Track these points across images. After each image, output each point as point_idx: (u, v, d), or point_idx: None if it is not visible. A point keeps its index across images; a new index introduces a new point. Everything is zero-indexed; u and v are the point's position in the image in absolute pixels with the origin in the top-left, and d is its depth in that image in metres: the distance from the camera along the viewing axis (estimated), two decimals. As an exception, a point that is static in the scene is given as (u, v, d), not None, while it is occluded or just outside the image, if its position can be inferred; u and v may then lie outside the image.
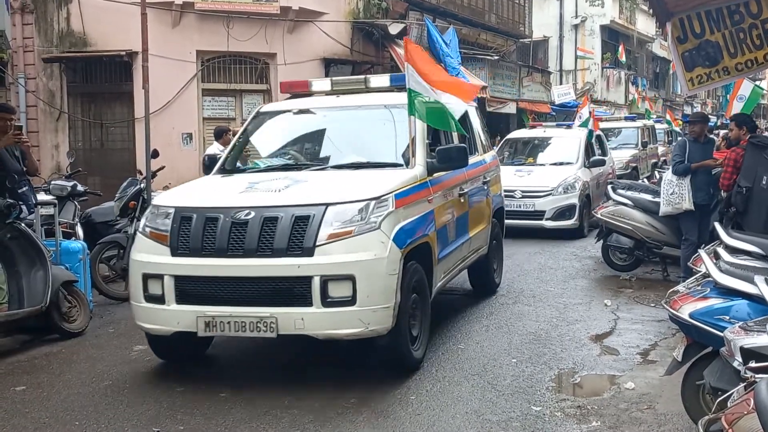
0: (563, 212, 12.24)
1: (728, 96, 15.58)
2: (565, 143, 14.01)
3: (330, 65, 15.80)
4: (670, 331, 6.46)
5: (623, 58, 33.22)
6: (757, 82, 15.97)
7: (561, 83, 30.04)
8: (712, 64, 7.60)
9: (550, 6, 32.15)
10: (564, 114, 24.73)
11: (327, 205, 4.98)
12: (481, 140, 8.09)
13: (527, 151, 14.48)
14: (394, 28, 16.29)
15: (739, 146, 7.69)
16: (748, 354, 3.43)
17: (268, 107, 7.24)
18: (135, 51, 12.75)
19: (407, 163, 5.91)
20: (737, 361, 3.49)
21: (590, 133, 14.25)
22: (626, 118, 22.33)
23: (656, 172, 13.96)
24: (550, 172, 12.88)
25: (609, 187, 9.74)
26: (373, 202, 5.05)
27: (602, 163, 13.98)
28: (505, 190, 11.42)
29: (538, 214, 12.30)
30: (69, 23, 14.22)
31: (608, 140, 17.94)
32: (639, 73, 38.17)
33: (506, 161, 13.42)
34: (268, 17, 14.54)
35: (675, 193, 8.07)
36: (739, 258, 4.73)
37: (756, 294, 4.12)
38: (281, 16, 14.66)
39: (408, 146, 6.00)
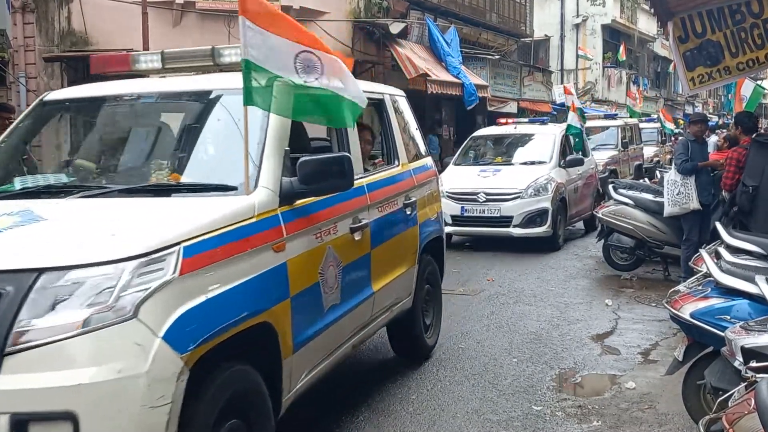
0: (533, 218, 10.70)
1: (730, 96, 15.59)
2: (538, 141, 12.53)
3: (331, 64, 15.77)
4: (671, 330, 6.46)
5: (624, 57, 33.20)
6: (759, 82, 15.96)
7: (562, 83, 30.02)
8: (713, 63, 7.60)
9: (551, 5, 32.14)
10: (564, 114, 24.69)
11: (39, 271, 2.71)
12: (405, 144, 5.68)
13: (495, 150, 12.97)
14: (395, 28, 16.28)
15: (740, 146, 7.69)
16: (749, 354, 3.42)
17: (55, 95, 4.64)
18: (136, 50, 12.74)
19: (255, 186, 3.54)
20: (738, 361, 3.49)
21: (569, 127, 12.77)
22: (606, 116, 20.19)
23: (657, 172, 13.95)
24: (520, 173, 11.34)
25: (610, 186, 9.73)
26: (129, 267, 2.76)
27: (579, 162, 12.25)
28: (467, 194, 10.93)
29: (505, 221, 10.77)
30: (70, 22, 14.22)
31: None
32: (640, 73, 38.17)
33: (470, 161, 12.37)
34: (269, 16, 14.51)
35: (681, 193, 8.05)
36: (740, 258, 4.72)
37: (757, 294, 4.12)
38: (282, 15, 14.64)
39: (256, 157, 3.65)
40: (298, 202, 3.74)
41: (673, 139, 25.08)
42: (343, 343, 4.33)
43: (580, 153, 12.87)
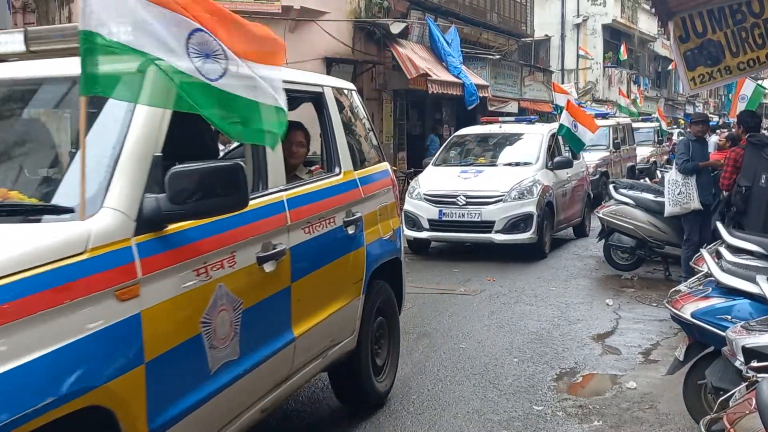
0: (517, 223, 9.88)
1: (730, 95, 15.55)
2: (525, 141, 11.71)
3: (332, 64, 15.80)
4: (671, 330, 6.46)
5: (625, 57, 33.17)
6: (760, 82, 15.93)
7: (563, 83, 30.02)
8: (713, 63, 7.60)
9: (552, 5, 32.14)
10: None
11: None
12: (350, 147, 4.69)
13: (478, 151, 12.15)
14: (396, 28, 16.28)
15: (739, 146, 7.71)
16: (750, 353, 3.42)
17: None
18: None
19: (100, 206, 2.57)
20: (739, 361, 3.49)
21: (561, 127, 11.66)
22: (597, 115, 18.48)
23: (658, 172, 13.94)
24: (503, 174, 10.55)
25: (611, 186, 9.74)
26: None
27: (568, 164, 11.45)
28: (446, 196, 10.17)
29: (486, 226, 9.95)
30: (70, 23, 14.22)
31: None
32: (641, 73, 38.17)
33: (451, 162, 11.60)
34: (269, 16, 14.53)
35: (682, 193, 8.05)
36: (741, 257, 4.73)
37: (758, 293, 4.12)
38: (283, 15, 14.65)
39: (106, 166, 2.67)
40: (170, 227, 2.76)
41: (668, 140, 24.73)
42: (244, 411, 3.24)
43: (569, 154, 12.22)
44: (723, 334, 3.82)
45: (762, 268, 4.44)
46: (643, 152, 20.46)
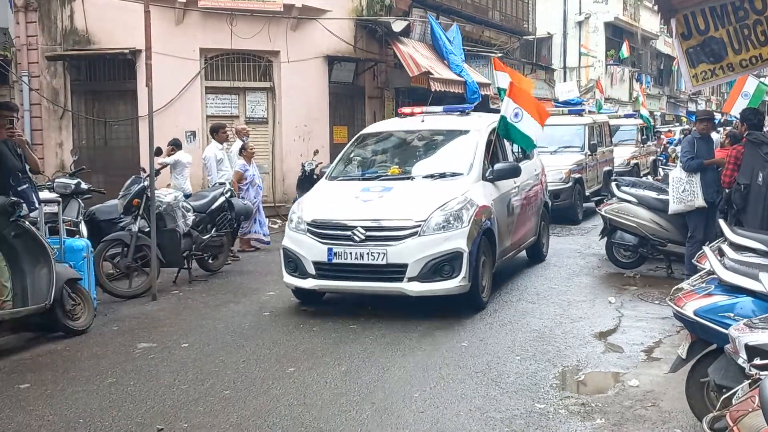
0: (440, 266, 6.90)
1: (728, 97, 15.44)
2: (454, 142, 8.47)
3: (333, 63, 15.80)
4: (674, 328, 6.45)
5: (627, 54, 33.10)
6: (762, 79, 15.84)
7: (565, 80, 30.00)
8: (716, 60, 7.58)
9: (554, 3, 32.11)
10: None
11: None
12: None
13: (388, 157, 8.78)
14: (398, 26, 16.28)
15: (740, 143, 7.71)
16: (753, 351, 3.42)
17: None
18: (138, 49, 12.76)
19: None
20: (742, 359, 3.48)
21: (502, 120, 8.43)
22: (570, 112, 16.03)
23: (660, 170, 13.90)
24: (421, 192, 7.46)
25: (613, 184, 9.70)
26: None
27: (514, 172, 8.24)
28: (338, 227, 7.09)
29: (394, 271, 6.91)
30: (72, 21, 14.23)
31: (542, 145, 12.75)
32: (643, 70, 38.12)
33: (351, 175, 8.36)
34: (271, 15, 14.54)
35: (687, 191, 8.04)
36: (743, 255, 4.72)
37: (761, 291, 4.11)
38: (284, 13, 14.66)
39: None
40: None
41: (656, 138, 23.60)
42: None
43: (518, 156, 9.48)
44: (726, 331, 3.81)
45: (765, 266, 4.43)
46: (622, 153, 18.57)
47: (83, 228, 8.59)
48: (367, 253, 6.86)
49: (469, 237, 6.97)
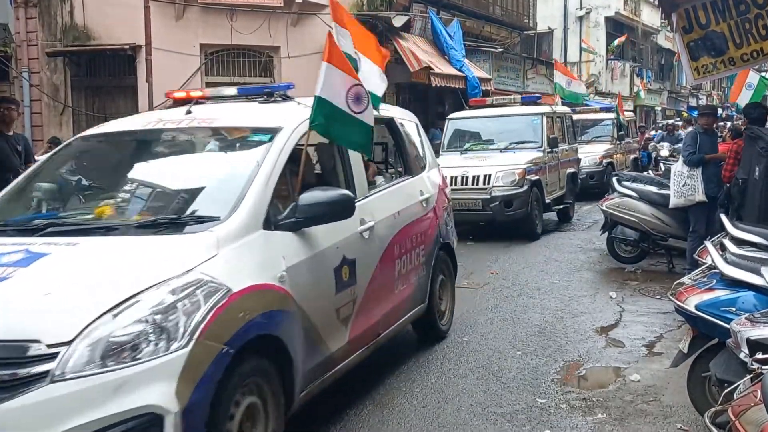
0: None
1: (733, 87, 15.37)
2: (229, 156, 4.68)
3: (334, 58, 15.75)
4: (675, 323, 6.45)
5: (619, 43, 32.82)
6: (764, 74, 15.81)
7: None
8: (717, 54, 7.57)
9: (555, -2, 32.05)
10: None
11: None
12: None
13: (105, 183, 4.63)
14: (398, 21, 16.24)
15: (741, 138, 7.72)
16: (755, 346, 3.41)
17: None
18: (138, 45, 12.76)
19: None
20: (743, 353, 3.47)
21: (317, 104, 4.39)
22: (523, 100, 13.24)
23: (662, 164, 13.85)
24: (95, 267, 3.36)
25: (614, 178, 9.68)
26: None
27: (337, 210, 4.17)
28: None
29: None
30: (72, 17, 14.21)
31: (487, 139, 12.37)
32: (644, 65, 38.05)
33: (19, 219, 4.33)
34: (271, 10, 14.51)
35: (687, 185, 8.03)
36: (745, 249, 4.71)
37: (762, 285, 4.10)
38: (285, 8, 14.63)
39: None
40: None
41: (639, 134, 21.91)
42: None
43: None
44: (727, 326, 3.81)
45: (766, 260, 4.42)
46: (594, 150, 16.81)
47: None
48: None
49: (187, 373, 3.04)
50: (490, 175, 11.05)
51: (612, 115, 18.67)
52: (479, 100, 14.02)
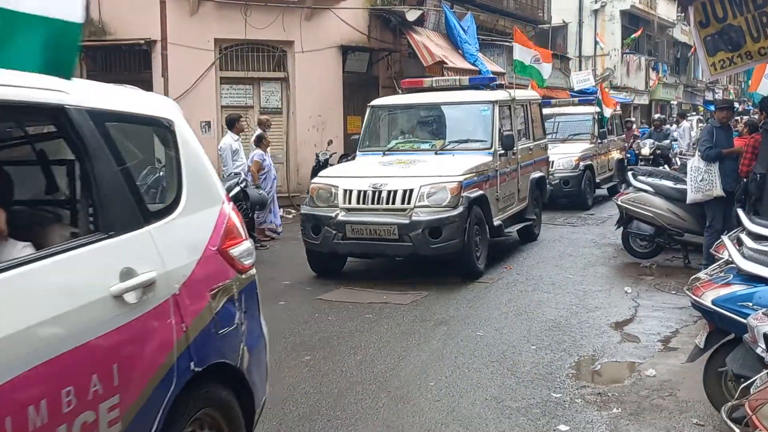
0: None
1: (750, 81, 15.17)
2: None
3: (347, 52, 15.78)
4: (691, 318, 6.42)
5: (635, 36, 32.53)
6: (781, 67, 15.56)
7: (580, 69, 29.79)
8: (734, 48, 7.50)
9: (570, -9, 31.87)
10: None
11: None
12: None
13: None
14: (412, 15, 16.22)
15: (758, 132, 7.66)
16: (772, 340, 3.39)
17: None
18: (154, 39, 12.81)
19: None
20: (760, 348, 3.46)
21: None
22: (471, 82, 10.33)
23: (677, 159, 13.74)
24: None
25: (630, 173, 9.62)
26: None
27: None
28: None
29: None
30: (88, 12, 14.27)
31: (420, 135, 9.61)
32: (659, 59, 37.78)
33: None
34: (285, 5, 14.52)
35: (705, 180, 7.97)
36: (762, 244, 4.67)
37: (780, 280, 4.08)
38: (298, 3, 14.64)
39: None
40: None
41: (627, 129, 19.54)
42: None
43: None
44: (744, 321, 3.79)
45: (784, 255, 4.40)
46: (570, 150, 14.29)
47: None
48: None
49: None
50: (411, 191, 7.80)
51: (592, 109, 15.68)
52: (414, 81, 10.77)
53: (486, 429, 4.32)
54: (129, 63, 14.49)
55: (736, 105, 30.08)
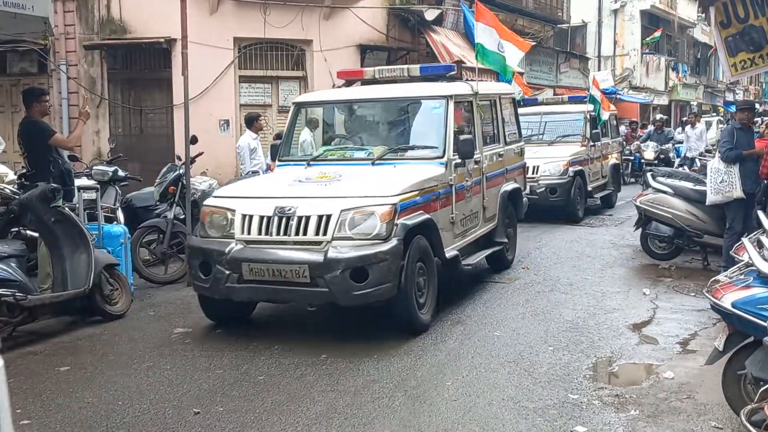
0: None
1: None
2: None
3: (366, 52, 15.79)
4: (710, 320, 6.38)
5: (656, 36, 32.27)
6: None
7: (599, 69, 29.64)
8: (756, 49, 7.46)
9: (589, -9, 31.70)
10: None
11: None
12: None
13: None
14: (430, 14, 16.21)
15: None
16: (793, 344, 3.37)
17: None
18: (174, 38, 12.87)
19: None
20: (781, 351, 3.44)
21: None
22: (422, 72, 7.98)
23: (697, 160, 13.64)
24: None
25: (649, 174, 9.58)
26: None
27: None
28: None
29: None
30: (109, 11, 14.40)
31: (352, 142, 7.67)
32: (679, 59, 37.50)
33: None
34: (304, 3, 14.56)
35: (725, 182, 7.92)
36: (783, 247, 4.64)
37: (801, 283, 4.04)
38: (317, 2, 14.67)
39: None
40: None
41: (630, 131, 19.09)
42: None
43: None
44: (764, 324, 3.77)
45: (805, 258, 4.36)
46: (557, 154, 12.58)
47: (120, 214, 8.72)
48: None
49: None
50: (328, 217, 5.85)
51: (584, 108, 13.79)
52: (352, 72, 8.59)
53: (503, 429, 4.32)
54: (149, 61, 14.60)
55: (757, 106, 29.83)
